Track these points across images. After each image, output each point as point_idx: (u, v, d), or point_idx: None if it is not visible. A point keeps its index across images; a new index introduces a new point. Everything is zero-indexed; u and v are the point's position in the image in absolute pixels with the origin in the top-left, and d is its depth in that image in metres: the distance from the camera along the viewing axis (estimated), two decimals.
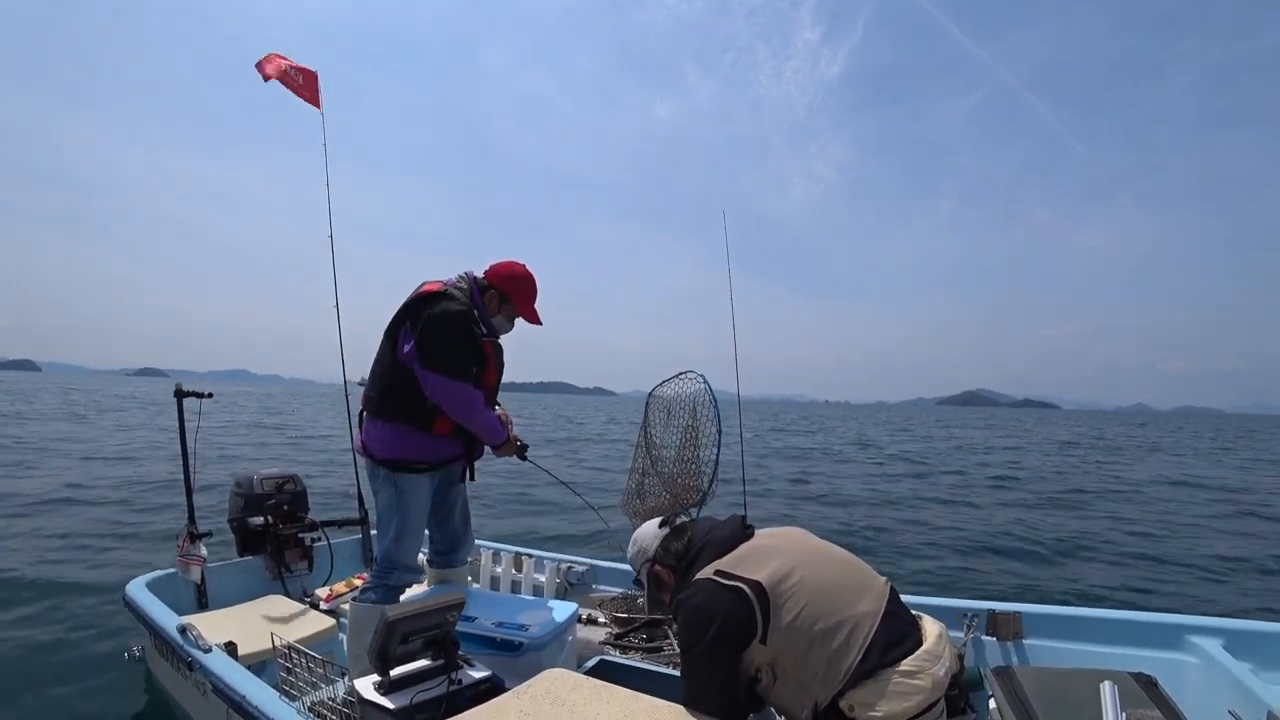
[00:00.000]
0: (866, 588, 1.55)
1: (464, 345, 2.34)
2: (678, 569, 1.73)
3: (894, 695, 1.39)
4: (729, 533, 1.70)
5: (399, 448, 2.39)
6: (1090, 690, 1.72)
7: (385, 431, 2.39)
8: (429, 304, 2.31)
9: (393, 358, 2.36)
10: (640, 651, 2.63)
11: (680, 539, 1.77)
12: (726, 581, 1.53)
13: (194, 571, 3.08)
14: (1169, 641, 2.28)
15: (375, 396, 2.42)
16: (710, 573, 1.57)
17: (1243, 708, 1.81)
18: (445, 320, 2.28)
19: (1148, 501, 10.97)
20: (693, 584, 1.59)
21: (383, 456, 2.40)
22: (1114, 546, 7.36)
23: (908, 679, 1.41)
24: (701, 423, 3.30)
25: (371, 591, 2.45)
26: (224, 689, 2.04)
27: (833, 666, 1.42)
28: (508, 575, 3.63)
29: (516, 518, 8.00)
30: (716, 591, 1.52)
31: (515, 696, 1.58)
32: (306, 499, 3.69)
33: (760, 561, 1.56)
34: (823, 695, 1.43)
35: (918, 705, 1.39)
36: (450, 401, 2.32)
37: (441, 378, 2.27)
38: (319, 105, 4.18)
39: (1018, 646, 2.48)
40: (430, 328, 2.27)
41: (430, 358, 2.26)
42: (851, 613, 1.47)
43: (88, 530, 6.42)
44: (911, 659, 1.44)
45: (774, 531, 1.75)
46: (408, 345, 2.30)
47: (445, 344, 2.28)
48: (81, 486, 8.70)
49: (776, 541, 1.67)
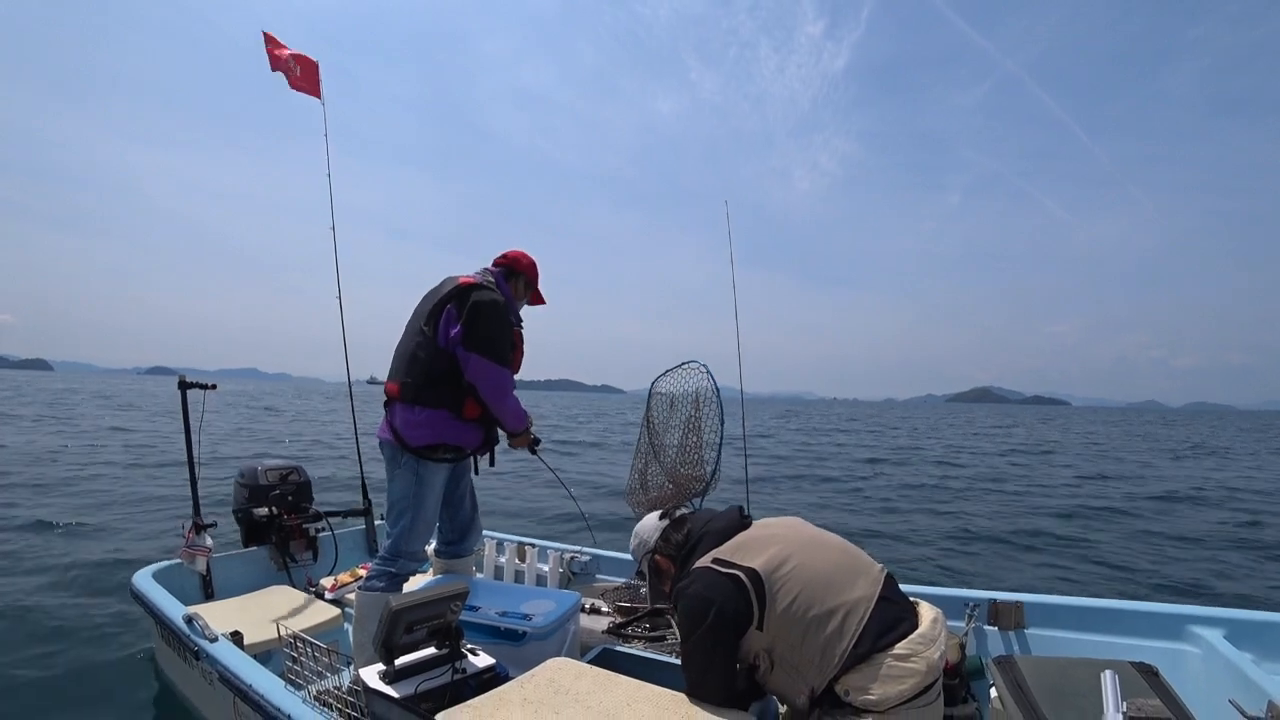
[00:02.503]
0: (861, 573, 1.57)
1: (507, 332, 2.46)
2: (677, 559, 1.76)
3: (887, 678, 1.41)
4: (727, 523, 1.73)
5: (436, 433, 2.43)
6: (1091, 680, 1.73)
7: (423, 418, 2.41)
8: (474, 292, 2.40)
9: (434, 343, 2.40)
10: (643, 641, 2.64)
11: (680, 530, 1.80)
12: (723, 569, 1.55)
13: (199, 562, 3.10)
14: (1170, 631, 2.28)
15: (414, 383, 2.43)
16: (708, 561, 1.60)
17: (1243, 697, 1.82)
18: (492, 308, 2.40)
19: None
20: (691, 572, 1.62)
21: (417, 443, 2.42)
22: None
23: (901, 662, 1.42)
24: (704, 413, 3.30)
25: (376, 579, 2.47)
26: (230, 678, 2.06)
27: (827, 652, 1.44)
28: (511, 565, 3.65)
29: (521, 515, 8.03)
30: (714, 579, 1.55)
31: (519, 685, 1.59)
32: (310, 490, 3.71)
33: (757, 549, 1.59)
34: (818, 681, 1.46)
35: (912, 688, 1.41)
36: (489, 383, 2.41)
37: (485, 360, 2.38)
38: (319, 95, 4.16)
39: (1019, 636, 2.49)
40: (478, 313, 2.37)
41: (477, 341, 2.36)
42: (846, 598, 1.49)
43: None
44: (905, 642, 1.45)
45: (771, 521, 1.78)
46: (454, 330, 2.37)
47: (492, 330, 2.39)
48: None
49: (773, 530, 1.69)
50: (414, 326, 2.48)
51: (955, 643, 2.27)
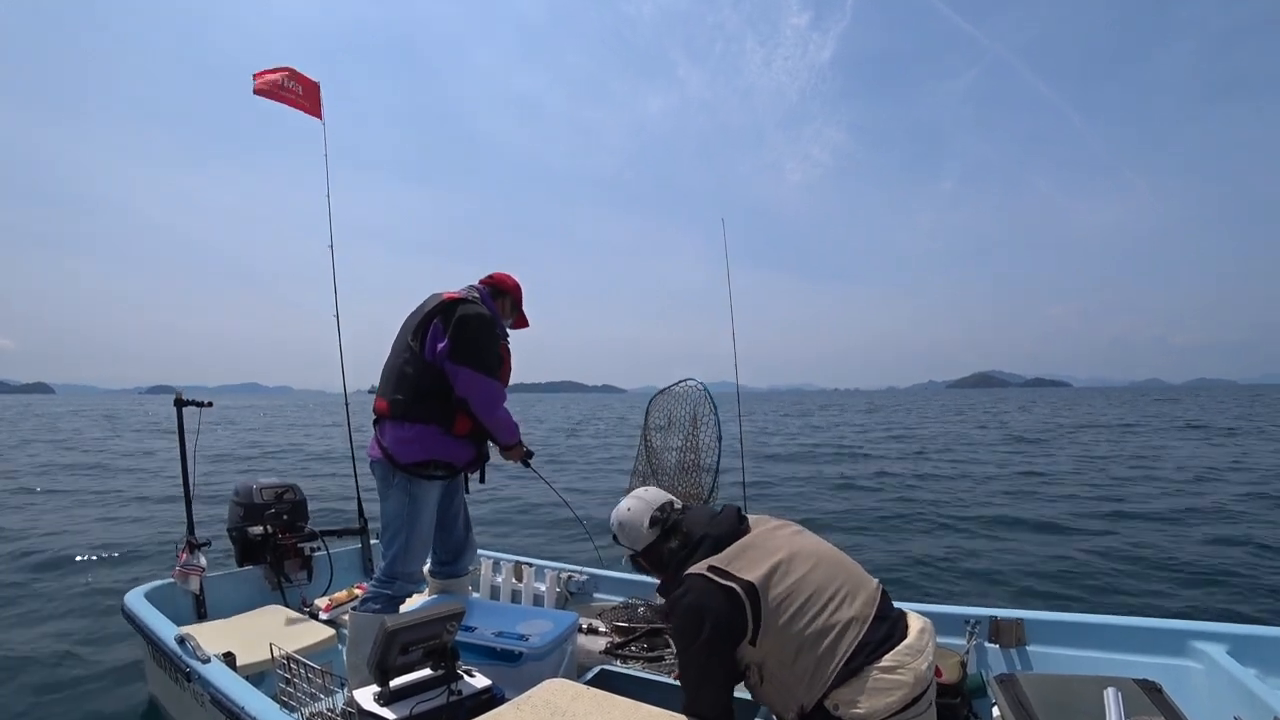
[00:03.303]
0: (857, 591, 1.55)
1: (494, 345, 2.46)
2: (667, 566, 1.70)
3: (875, 691, 1.40)
4: (726, 529, 1.67)
5: (427, 449, 2.41)
6: (1094, 697, 1.71)
7: (413, 434, 2.39)
8: (460, 306, 2.41)
9: (421, 358, 2.40)
10: (641, 661, 2.61)
11: (670, 540, 1.72)
12: (720, 580, 1.52)
13: (193, 581, 3.07)
14: (1173, 647, 2.27)
15: (404, 399, 2.41)
16: (704, 568, 1.56)
17: (1248, 713, 1.80)
18: (479, 321, 2.40)
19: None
20: (685, 579, 1.58)
21: (407, 461, 2.40)
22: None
23: (888, 674, 1.41)
24: (701, 430, 3.31)
25: (372, 601, 2.44)
26: (222, 700, 2.03)
27: (818, 671, 1.43)
28: (508, 585, 3.62)
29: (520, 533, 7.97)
30: (709, 589, 1.52)
31: (515, 707, 1.57)
32: (306, 508, 3.68)
33: (754, 561, 1.56)
34: (808, 699, 1.44)
35: (900, 700, 1.40)
36: (479, 395, 2.41)
37: (474, 373, 2.37)
38: (320, 116, 4.19)
39: (1020, 653, 2.47)
40: (465, 326, 2.37)
41: (465, 354, 2.36)
42: (840, 617, 1.48)
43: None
44: (891, 655, 1.44)
45: (771, 526, 1.72)
46: (440, 344, 2.36)
47: (479, 342, 2.39)
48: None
49: (773, 540, 1.65)
50: (401, 343, 2.47)
51: (956, 660, 2.25)
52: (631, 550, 1.80)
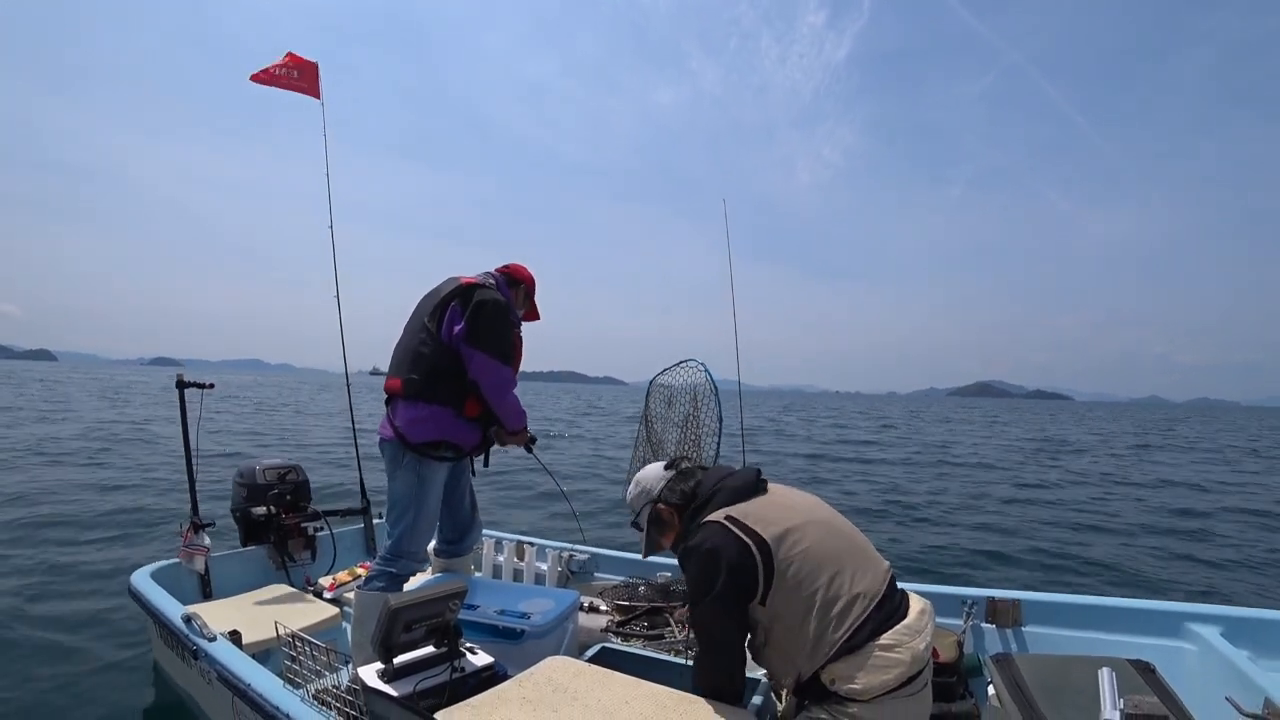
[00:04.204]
0: (868, 568, 1.54)
1: (509, 331, 2.51)
2: (684, 510, 1.68)
3: (873, 668, 1.40)
4: (744, 482, 1.65)
5: (439, 429, 2.44)
6: (1089, 677, 1.73)
7: (427, 414, 2.42)
8: (477, 291, 2.43)
9: (438, 339, 2.41)
10: (642, 639, 2.64)
11: (687, 481, 1.72)
12: (736, 529, 1.50)
13: (198, 561, 3.10)
14: (1167, 629, 2.29)
15: (419, 379, 2.43)
16: (720, 517, 1.54)
17: (1240, 694, 1.83)
18: (495, 306, 2.44)
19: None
20: (702, 526, 1.56)
21: (418, 440, 2.42)
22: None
23: (886, 652, 1.42)
24: (702, 411, 3.31)
25: (376, 579, 2.47)
26: (229, 677, 2.06)
27: (820, 641, 1.43)
28: (510, 564, 3.65)
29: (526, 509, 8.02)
30: (726, 537, 1.49)
31: (517, 684, 1.59)
32: (309, 489, 3.70)
33: (772, 519, 1.53)
34: (807, 667, 1.45)
35: (896, 678, 1.40)
36: (491, 380, 2.44)
37: (489, 357, 2.40)
38: (319, 95, 4.15)
39: (1016, 634, 2.50)
40: (482, 311, 2.40)
41: (481, 338, 2.39)
42: (850, 590, 1.47)
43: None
44: (891, 633, 1.45)
45: (790, 491, 1.70)
46: (457, 326, 2.39)
47: (495, 328, 2.42)
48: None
49: (791, 501, 1.63)
50: (416, 324, 2.49)
51: (953, 640, 2.28)
52: (649, 500, 1.75)
